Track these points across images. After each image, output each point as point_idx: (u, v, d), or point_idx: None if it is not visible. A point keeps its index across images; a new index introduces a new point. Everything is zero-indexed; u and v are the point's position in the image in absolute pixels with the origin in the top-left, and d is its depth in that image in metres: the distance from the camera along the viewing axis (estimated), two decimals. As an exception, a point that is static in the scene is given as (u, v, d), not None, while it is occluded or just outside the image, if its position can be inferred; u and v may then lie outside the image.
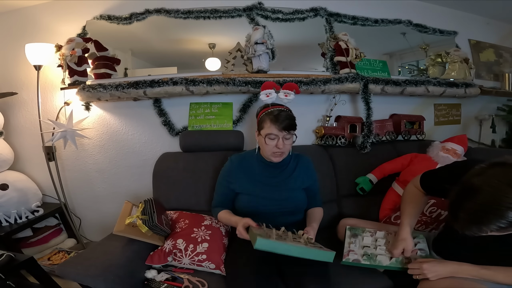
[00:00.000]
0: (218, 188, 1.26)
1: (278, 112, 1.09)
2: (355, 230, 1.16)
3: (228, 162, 1.25)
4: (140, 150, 1.80)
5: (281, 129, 1.06)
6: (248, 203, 1.18)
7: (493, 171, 0.68)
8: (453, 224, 0.73)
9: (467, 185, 0.70)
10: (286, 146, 1.09)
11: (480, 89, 2.01)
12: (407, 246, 0.97)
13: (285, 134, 1.07)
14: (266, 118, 1.09)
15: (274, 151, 1.09)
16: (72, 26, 1.77)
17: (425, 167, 1.47)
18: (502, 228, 0.65)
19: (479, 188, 0.66)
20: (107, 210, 1.88)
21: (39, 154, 1.78)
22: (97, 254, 1.08)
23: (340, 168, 1.59)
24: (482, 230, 0.67)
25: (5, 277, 1.13)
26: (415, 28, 2.06)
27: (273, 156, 1.11)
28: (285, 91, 1.23)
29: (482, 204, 0.65)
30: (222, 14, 1.75)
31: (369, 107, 1.68)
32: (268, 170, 1.20)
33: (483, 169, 0.69)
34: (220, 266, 1.12)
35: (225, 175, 1.23)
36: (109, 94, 1.56)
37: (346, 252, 1.05)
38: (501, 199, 0.63)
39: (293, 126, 1.08)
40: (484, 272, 0.84)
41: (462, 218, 0.69)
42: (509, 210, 0.62)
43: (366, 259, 1.03)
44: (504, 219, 0.63)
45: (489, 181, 0.66)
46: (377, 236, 1.12)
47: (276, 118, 1.07)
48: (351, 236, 1.12)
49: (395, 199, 1.48)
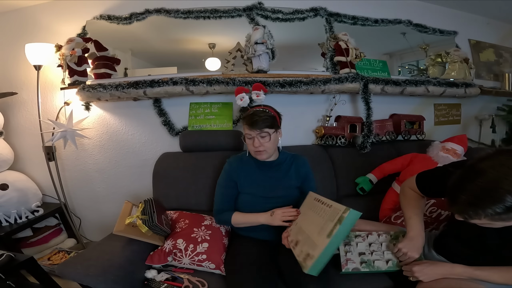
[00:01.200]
0: (221, 190, 1.23)
1: (252, 112, 1.13)
2: (347, 236, 1.13)
3: (227, 164, 1.25)
4: (140, 150, 1.80)
5: (252, 129, 1.09)
6: (246, 203, 1.19)
7: (500, 156, 0.69)
8: (450, 208, 0.75)
9: (471, 167, 0.71)
10: (265, 144, 1.11)
11: (480, 89, 2.01)
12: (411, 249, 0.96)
13: (258, 133, 1.10)
14: (243, 120, 1.15)
15: (254, 150, 1.13)
16: (72, 26, 1.77)
17: (425, 167, 1.47)
18: (498, 214, 0.66)
19: (483, 170, 0.68)
20: (107, 210, 1.88)
21: (39, 154, 1.78)
22: (97, 254, 1.08)
23: (340, 168, 1.59)
24: (478, 213, 0.68)
25: (5, 277, 1.13)
26: (415, 28, 2.06)
27: (256, 155, 1.15)
28: (255, 91, 1.31)
29: (482, 186, 0.67)
30: (222, 14, 1.75)
31: (369, 107, 1.68)
32: (263, 170, 1.21)
33: (490, 154, 0.71)
34: (220, 266, 1.12)
35: (227, 176, 1.23)
36: (109, 94, 1.56)
37: (343, 261, 1.05)
38: (502, 181, 0.64)
39: (266, 124, 1.10)
40: (478, 273, 0.84)
41: (460, 200, 0.70)
42: (507, 193, 0.64)
43: (365, 266, 1.03)
44: (501, 203, 0.64)
45: (494, 165, 0.67)
46: (369, 240, 1.11)
47: (247, 118, 1.12)
48: (345, 244, 1.10)
49: (395, 199, 1.48)
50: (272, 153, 1.19)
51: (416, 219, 1.00)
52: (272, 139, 1.13)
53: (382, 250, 1.07)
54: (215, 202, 1.24)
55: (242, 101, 1.26)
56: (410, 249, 0.96)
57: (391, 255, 1.04)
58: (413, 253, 0.95)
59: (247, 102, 1.25)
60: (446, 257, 0.97)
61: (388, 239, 1.10)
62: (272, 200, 1.16)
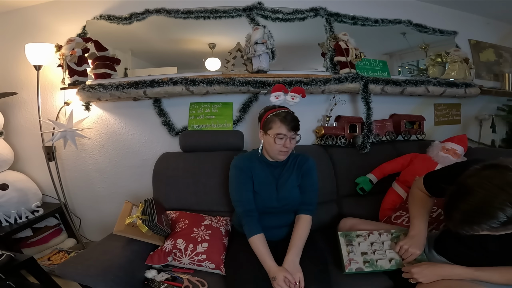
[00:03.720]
0: (242, 188, 1.17)
1: (286, 113, 1.14)
2: (348, 236, 1.14)
3: (237, 162, 1.21)
4: (140, 150, 1.80)
5: (289, 129, 1.10)
6: (255, 203, 1.17)
7: (486, 173, 0.69)
8: (447, 223, 0.76)
9: (460, 185, 0.72)
10: (291, 145, 1.13)
11: (480, 89, 2.01)
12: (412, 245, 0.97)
13: (292, 134, 1.12)
14: (275, 118, 1.12)
15: (282, 150, 1.13)
16: (72, 26, 1.77)
17: (425, 167, 1.47)
18: (494, 228, 0.66)
19: (471, 189, 0.69)
20: (107, 210, 1.88)
21: (39, 154, 1.78)
22: (97, 254, 1.08)
23: (340, 168, 1.59)
24: (474, 229, 0.69)
25: (5, 277, 1.13)
26: (415, 28, 2.06)
27: (280, 155, 1.14)
28: (293, 94, 1.27)
29: (474, 205, 0.67)
30: (222, 14, 1.75)
31: (369, 107, 1.68)
32: (270, 170, 1.21)
33: (477, 170, 0.71)
34: (220, 266, 1.13)
35: (242, 173, 1.18)
36: (109, 94, 1.56)
37: (346, 262, 1.05)
38: (492, 200, 0.65)
39: (298, 127, 1.14)
40: (478, 274, 0.84)
41: (455, 218, 0.71)
42: (499, 211, 0.64)
43: (368, 266, 1.03)
44: (495, 220, 0.65)
45: (481, 183, 0.68)
46: (370, 239, 1.12)
47: (285, 119, 1.11)
48: (347, 244, 1.11)
49: (395, 199, 1.48)
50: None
51: (420, 218, 1.01)
52: (296, 141, 1.16)
53: (384, 249, 1.07)
54: (239, 202, 1.17)
55: (277, 99, 1.20)
56: (411, 245, 0.97)
57: (393, 254, 1.04)
58: (415, 249, 0.96)
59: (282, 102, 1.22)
60: (447, 257, 0.97)
61: (389, 238, 1.11)
62: (279, 201, 1.17)
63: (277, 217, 1.19)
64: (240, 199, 1.16)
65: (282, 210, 1.18)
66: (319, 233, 1.33)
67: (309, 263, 1.03)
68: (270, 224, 1.15)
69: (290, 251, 1.04)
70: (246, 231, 1.10)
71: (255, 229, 1.09)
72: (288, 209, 1.19)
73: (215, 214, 1.40)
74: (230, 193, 1.21)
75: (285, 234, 1.18)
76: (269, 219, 1.16)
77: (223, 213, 1.42)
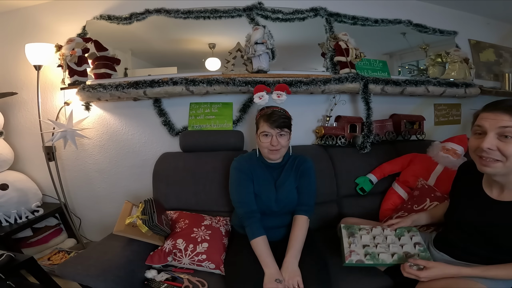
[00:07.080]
0: (243, 190, 1.16)
1: (271, 111, 1.13)
2: (351, 228, 1.15)
3: (236, 163, 1.21)
4: (140, 150, 1.80)
5: (273, 127, 1.09)
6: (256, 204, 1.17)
7: None
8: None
9: None
10: (280, 143, 1.12)
11: (480, 89, 2.01)
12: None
13: (278, 132, 1.11)
14: (261, 118, 1.14)
15: (270, 148, 1.12)
16: (72, 26, 1.77)
17: (425, 167, 1.48)
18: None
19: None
20: (107, 210, 1.88)
21: (39, 154, 1.78)
22: (97, 254, 1.08)
23: (340, 168, 1.59)
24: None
25: (5, 277, 1.13)
26: (415, 28, 2.06)
27: (270, 154, 1.14)
28: (277, 92, 1.27)
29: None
30: (222, 14, 1.75)
31: (369, 107, 1.68)
32: (269, 172, 1.21)
33: None
34: (220, 266, 1.13)
35: (242, 174, 1.18)
36: (109, 94, 1.56)
37: (347, 253, 1.03)
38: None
39: (286, 124, 1.12)
40: (476, 271, 0.84)
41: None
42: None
43: (369, 259, 1.01)
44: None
45: None
46: (373, 233, 1.12)
47: (268, 116, 1.11)
48: (349, 236, 1.11)
49: (395, 199, 1.48)
50: (283, 154, 1.19)
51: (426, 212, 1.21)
52: (288, 140, 1.15)
53: (387, 243, 1.06)
54: (240, 204, 1.16)
55: (261, 99, 1.20)
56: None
57: (396, 249, 1.03)
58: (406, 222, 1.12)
59: (266, 101, 1.21)
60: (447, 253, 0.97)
61: (393, 233, 1.10)
62: (278, 202, 1.17)
63: (275, 218, 1.18)
64: (242, 201, 1.16)
65: (281, 211, 1.18)
66: (319, 233, 1.34)
67: (308, 263, 1.03)
68: (269, 225, 1.15)
69: (288, 254, 1.04)
70: (249, 233, 1.10)
71: (257, 231, 1.09)
72: (287, 211, 1.19)
73: (215, 214, 1.40)
74: (231, 195, 1.21)
75: (283, 234, 1.18)
76: (268, 220, 1.16)
77: (223, 213, 1.42)
